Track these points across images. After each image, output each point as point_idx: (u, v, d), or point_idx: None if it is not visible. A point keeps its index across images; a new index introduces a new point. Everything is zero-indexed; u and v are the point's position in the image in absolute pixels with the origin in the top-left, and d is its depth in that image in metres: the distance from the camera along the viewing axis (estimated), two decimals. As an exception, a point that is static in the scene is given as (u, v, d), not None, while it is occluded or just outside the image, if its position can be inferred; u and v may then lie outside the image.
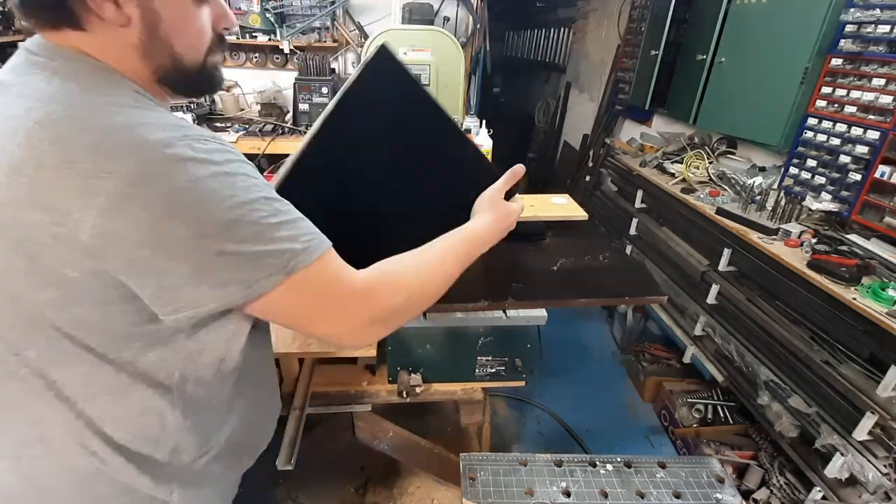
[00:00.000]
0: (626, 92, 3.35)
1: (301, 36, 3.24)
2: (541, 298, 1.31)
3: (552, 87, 5.16)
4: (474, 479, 1.15)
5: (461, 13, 3.36)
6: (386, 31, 2.83)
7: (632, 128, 3.58)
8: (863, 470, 1.53)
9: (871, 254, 1.69)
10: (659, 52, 2.88)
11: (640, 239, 2.90)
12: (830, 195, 1.89)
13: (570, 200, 1.78)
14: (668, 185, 2.53)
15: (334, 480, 2.03)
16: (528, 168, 4.65)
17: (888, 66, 1.72)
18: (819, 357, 1.68)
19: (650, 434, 2.44)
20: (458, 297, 1.18)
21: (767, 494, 1.92)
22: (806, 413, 1.74)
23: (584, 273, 1.40)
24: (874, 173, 1.72)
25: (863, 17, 1.77)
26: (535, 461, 1.21)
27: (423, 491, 2.01)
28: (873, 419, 1.49)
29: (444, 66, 2.86)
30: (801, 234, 1.89)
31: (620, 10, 3.53)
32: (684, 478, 1.17)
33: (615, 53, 3.58)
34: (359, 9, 3.29)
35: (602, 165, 3.49)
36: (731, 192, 2.33)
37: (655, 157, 2.82)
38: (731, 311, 2.12)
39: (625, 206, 3.05)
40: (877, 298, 1.51)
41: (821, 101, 1.96)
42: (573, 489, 1.14)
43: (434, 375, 1.48)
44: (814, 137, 1.96)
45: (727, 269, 2.16)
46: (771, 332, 1.88)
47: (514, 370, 1.49)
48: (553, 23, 5.05)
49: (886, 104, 1.71)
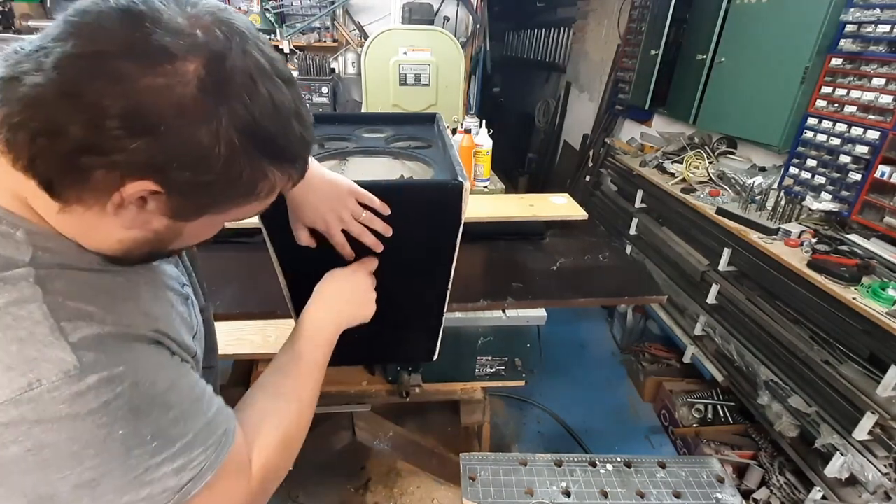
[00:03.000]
0: (626, 92, 3.35)
1: (301, 36, 3.24)
2: (540, 298, 1.31)
3: (552, 87, 5.15)
4: (474, 479, 1.15)
5: (461, 13, 3.36)
6: (386, 30, 2.83)
7: (632, 128, 3.58)
8: (863, 470, 1.53)
9: (871, 254, 1.69)
10: (659, 52, 2.88)
11: (640, 239, 2.90)
12: (830, 195, 1.89)
13: (570, 200, 1.78)
14: (668, 185, 2.53)
15: (334, 480, 2.03)
16: (528, 168, 4.65)
17: (888, 65, 1.72)
18: (819, 357, 1.68)
19: (650, 434, 2.44)
20: (459, 297, 1.18)
21: (767, 494, 1.92)
22: (806, 413, 1.74)
23: (583, 273, 1.40)
24: (874, 173, 1.72)
25: (863, 16, 1.77)
26: (535, 461, 1.21)
27: (423, 491, 2.01)
28: (873, 419, 1.49)
29: (444, 66, 2.86)
30: (801, 233, 1.89)
31: (620, 10, 3.53)
32: (684, 478, 1.17)
33: (615, 53, 3.58)
34: (359, 9, 3.29)
35: (602, 165, 3.49)
36: (731, 191, 2.33)
37: (655, 156, 2.82)
38: (731, 311, 2.12)
39: (625, 206, 3.05)
40: (877, 298, 1.51)
41: (821, 101, 1.96)
42: (573, 489, 1.14)
43: (434, 375, 1.48)
44: (814, 137, 1.96)
45: (727, 269, 2.16)
46: (771, 332, 1.88)
47: (513, 370, 1.49)
48: (553, 23, 5.04)
49: (886, 104, 1.71)
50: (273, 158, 0.49)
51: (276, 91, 0.47)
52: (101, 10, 0.41)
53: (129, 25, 0.41)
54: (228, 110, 0.44)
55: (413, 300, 0.94)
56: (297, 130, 0.50)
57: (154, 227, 0.49)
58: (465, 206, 0.81)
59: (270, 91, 0.46)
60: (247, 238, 1.46)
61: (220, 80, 0.43)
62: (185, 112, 0.42)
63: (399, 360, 1.38)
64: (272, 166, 0.50)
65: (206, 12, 0.45)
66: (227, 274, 1.33)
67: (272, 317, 1.21)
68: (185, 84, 0.41)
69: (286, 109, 0.48)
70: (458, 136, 2.21)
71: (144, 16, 0.41)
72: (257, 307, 1.22)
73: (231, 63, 0.44)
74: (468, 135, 2.22)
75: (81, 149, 0.41)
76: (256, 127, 0.46)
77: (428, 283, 0.92)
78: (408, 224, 0.83)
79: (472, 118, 2.43)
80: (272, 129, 0.47)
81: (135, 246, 0.50)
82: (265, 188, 0.51)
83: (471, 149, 2.23)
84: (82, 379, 0.43)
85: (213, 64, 0.43)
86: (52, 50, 0.39)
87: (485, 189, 2.34)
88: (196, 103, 0.42)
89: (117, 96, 0.40)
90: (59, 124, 0.40)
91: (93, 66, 0.40)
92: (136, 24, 0.41)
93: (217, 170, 0.45)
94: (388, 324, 0.91)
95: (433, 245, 0.86)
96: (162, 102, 0.41)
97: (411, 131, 1.16)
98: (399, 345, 1.09)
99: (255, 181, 0.49)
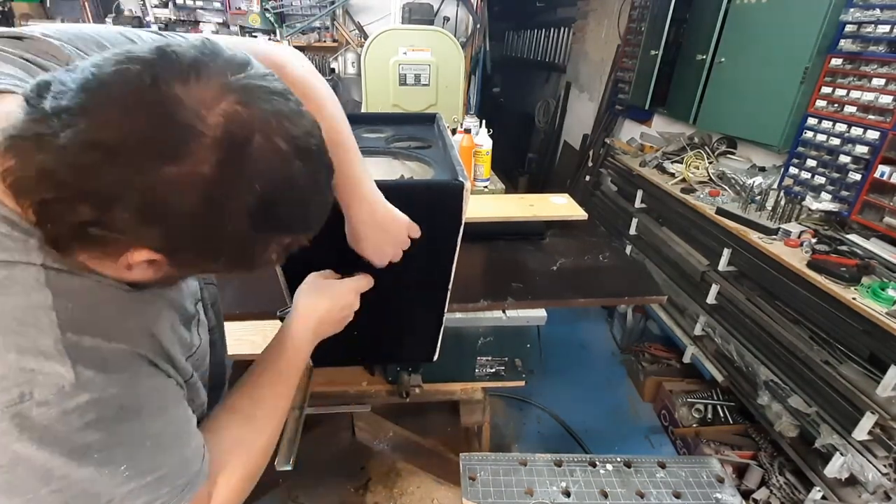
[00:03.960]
0: (626, 92, 3.35)
1: (301, 36, 3.24)
2: (540, 298, 1.31)
3: (552, 87, 5.15)
4: (474, 479, 1.15)
5: (461, 13, 3.36)
6: (386, 30, 2.83)
7: (632, 128, 3.58)
8: (862, 470, 1.53)
9: (871, 254, 1.69)
10: (659, 52, 2.88)
11: (640, 239, 2.90)
12: (830, 195, 1.89)
13: (570, 200, 1.78)
14: (668, 185, 2.53)
15: (334, 480, 2.03)
16: (528, 168, 4.64)
17: (888, 66, 1.72)
18: (819, 357, 1.68)
19: (650, 434, 2.44)
20: (459, 298, 1.18)
21: (767, 494, 1.92)
22: (806, 413, 1.74)
23: (583, 273, 1.40)
24: (874, 173, 1.72)
25: (863, 17, 1.77)
26: (534, 461, 1.21)
27: (423, 491, 2.01)
28: (873, 419, 1.49)
29: (444, 66, 2.86)
30: (801, 234, 1.89)
31: (620, 10, 3.53)
32: (684, 478, 1.17)
33: (615, 53, 3.58)
34: (359, 9, 3.29)
35: (602, 165, 3.49)
36: (731, 192, 2.33)
37: (655, 157, 2.82)
38: (731, 311, 2.12)
39: (625, 206, 3.05)
40: (877, 298, 1.51)
41: (821, 101, 1.96)
42: (573, 489, 1.14)
43: (434, 375, 1.47)
44: (814, 137, 1.96)
45: (727, 269, 2.16)
46: (771, 332, 1.88)
47: (513, 370, 1.49)
48: (553, 23, 5.04)
49: (886, 104, 1.71)
50: (285, 231, 0.50)
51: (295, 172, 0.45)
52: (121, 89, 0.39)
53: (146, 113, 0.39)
54: (239, 201, 0.43)
55: (413, 301, 0.94)
56: (315, 203, 0.50)
57: (164, 272, 0.49)
58: (465, 207, 0.81)
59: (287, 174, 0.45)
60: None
61: (233, 174, 0.42)
62: (195, 205, 0.41)
63: (399, 360, 1.38)
64: (283, 235, 0.50)
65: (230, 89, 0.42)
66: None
67: (272, 317, 1.20)
68: (197, 182, 0.40)
69: (302, 187, 0.47)
70: (458, 136, 2.21)
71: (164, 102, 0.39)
72: (257, 307, 1.22)
73: (248, 154, 0.42)
74: (468, 135, 2.22)
75: (91, 224, 0.40)
76: (269, 209, 0.45)
77: (428, 284, 0.93)
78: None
79: (472, 118, 2.43)
80: (288, 209, 0.47)
81: (144, 282, 0.50)
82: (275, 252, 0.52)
83: (471, 149, 2.23)
84: (74, 397, 0.42)
85: (230, 153, 0.41)
86: (68, 124, 0.38)
87: (485, 189, 2.34)
88: (207, 197, 0.41)
89: (130, 187, 0.39)
90: (70, 202, 0.40)
91: (104, 158, 0.38)
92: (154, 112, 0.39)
93: (224, 250, 0.46)
94: (388, 325, 0.91)
95: (433, 245, 0.86)
96: (176, 194, 0.40)
97: (411, 131, 1.16)
98: (399, 346, 1.09)
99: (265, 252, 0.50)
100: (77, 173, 0.38)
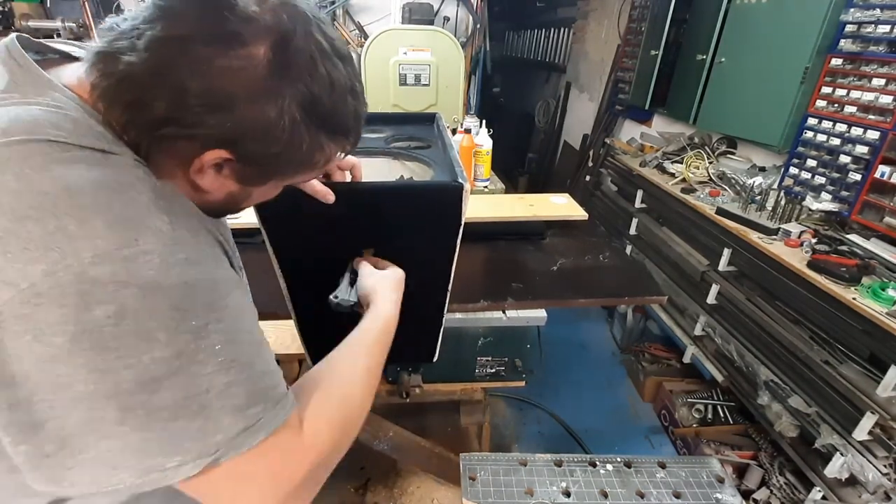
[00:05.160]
0: (626, 92, 3.35)
1: (301, 36, 3.24)
2: (540, 298, 1.31)
3: (552, 87, 5.15)
4: (474, 479, 1.15)
5: (461, 13, 3.35)
6: (386, 30, 2.83)
7: (632, 128, 3.58)
8: (863, 470, 1.53)
9: (871, 254, 1.69)
10: (659, 52, 2.88)
11: (640, 239, 2.90)
12: (830, 195, 1.89)
13: (570, 200, 1.78)
14: (668, 185, 2.53)
15: (334, 480, 2.02)
16: (528, 168, 4.64)
17: (888, 66, 1.72)
18: (819, 357, 1.68)
19: (650, 434, 2.44)
20: (459, 298, 1.18)
21: (767, 494, 1.92)
22: (806, 413, 1.74)
23: (583, 273, 1.40)
24: (874, 173, 1.72)
25: (863, 17, 1.77)
26: (535, 461, 1.21)
27: (423, 491, 2.01)
28: (873, 419, 1.49)
29: (444, 66, 2.86)
30: (801, 234, 1.89)
31: (620, 10, 3.53)
32: (684, 478, 1.17)
33: (615, 53, 3.58)
34: (359, 9, 3.28)
35: (602, 165, 3.49)
36: (731, 192, 2.33)
37: (655, 157, 2.82)
38: (731, 311, 2.12)
39: (625, 206, 3.05)
40: (877, 298, 1.51)
41: (821, 101, 1.96)
42: (573, 489, 1.14)
43: (434, 376, 1.48)
44: (814, 137, 1.96)
45: (727, 269, 2.16)
46: (771, 332, 1.88)
47: (513, 370, 1.49)
48: (553, 23, 5.04)
49: (886, 104, 1.71)
50: (329, 132, 0.54)
51: (333, 70, 0.51)
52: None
53: (207, 13, 0.45)
54: (292, 89, 0.48)
55: (413, 301, 0.94)
56: (351, 106, 0.54)
57: (228, 189, 0.54)
58: (465, 208, 0.81)
59: (329, 70, 0.50)
60: (247, 238, 1.45)
61: (285, 62, 0.47)
62: (255, 91, 0.47)
63: (400, 361, 1.38)
64: (328, 139, 0.55)
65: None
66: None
67: (272, 317, 1.20)
68: (255, 66, 0.46)
69: (342, 87, 0.52)
70: (458, 136, 2.21)
71: (221, 4, 0.45)
72: (257, 307, 1.22)
73: (295, 45, 0.48)
74: (468, 135, 2.22)
75: (166, 121, 0.46)
76: (316, 104, 0.50)
77: (428, 284, 0.93)
78: (408, 225, 0.83)
79: (472, 118, 2.43)
80: (329, 106, 0.52)
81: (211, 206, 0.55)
82: (322, 159, 0.57)
83: (471, 149, 2.23)
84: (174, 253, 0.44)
85: (279, 46, 0.47)
86: (144, 32, 0.44)
87: (485, 189, 2.34)
88: (265, 83, 0.47)
89: (198, 77, 0.45)
90: (147, 99, 0.45)
91: (177, 50, 0.44)
92: (213, 12, 0.45)
93: (282, 142, 0.50)
94: None
95: (433, 246, 0.86)
96: (236, 83, 0.46)
97: (411, 131, 1.16)
98: (400, 346, 1.09)
99: (313, 152, 0.54)
100: (153, 70, 0.44)
